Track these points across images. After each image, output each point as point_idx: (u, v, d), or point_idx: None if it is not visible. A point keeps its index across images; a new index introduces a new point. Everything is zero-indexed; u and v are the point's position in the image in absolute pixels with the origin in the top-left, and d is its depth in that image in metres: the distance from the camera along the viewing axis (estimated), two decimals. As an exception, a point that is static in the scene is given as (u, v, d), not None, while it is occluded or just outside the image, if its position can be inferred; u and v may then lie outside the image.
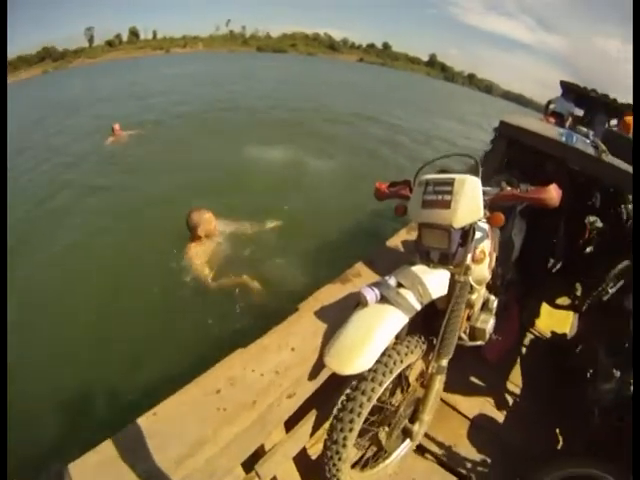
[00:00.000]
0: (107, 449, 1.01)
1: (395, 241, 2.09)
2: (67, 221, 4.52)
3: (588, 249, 3.15)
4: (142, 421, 1.08)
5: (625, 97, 4.07)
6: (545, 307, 2.99)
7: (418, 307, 1.24)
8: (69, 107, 13.06)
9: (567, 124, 3.95)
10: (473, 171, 1.29)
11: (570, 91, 4.61)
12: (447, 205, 1.22)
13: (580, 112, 4.61)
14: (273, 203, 4.59)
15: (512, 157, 2.76)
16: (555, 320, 2.90)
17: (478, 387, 2.21)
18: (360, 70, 44.12)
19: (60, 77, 33.72)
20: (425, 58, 75.77)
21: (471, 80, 72.49)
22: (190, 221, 3.29)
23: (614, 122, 4.33)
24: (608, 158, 2.30)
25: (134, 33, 65.94)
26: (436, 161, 1.53)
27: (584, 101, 4.54)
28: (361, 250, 2.20)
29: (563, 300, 3.09)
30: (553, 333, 2.77)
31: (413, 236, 1.57)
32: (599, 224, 3.09)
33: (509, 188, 1.37)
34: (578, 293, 3.03)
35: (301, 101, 13.70)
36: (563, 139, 2.36)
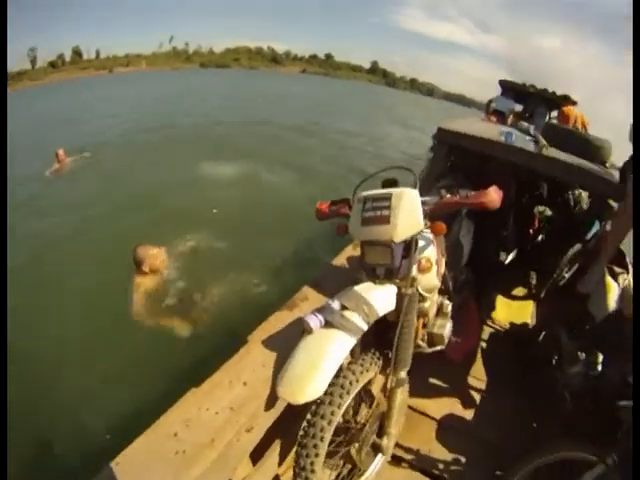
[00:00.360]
0: None
1: (341, 259, 2.11)
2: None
3: (540, 238, 3.29)
4: (106, 473, 1.05)
5: (563, 89, 4.30)
6: (504, 300, 3.08)
7: (365, 327, 1.24)
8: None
9: (509, 121, 4.11)
10: (411, 183, 1.33)
11: (509, 89, 4.81)
12: (386, 220, 1.26)
13: (521, 108, 4.83)
14: (223, 226, 4.61)
15: (456, 161, 2.84)
16: (515, 311, 3.00)
17: (445, 389, 2.25)
18: (302, 81, 44.82)
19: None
20: (367, 66, 78.18)
21: (413, 84, 75.17)
22: (136, 257, 3.32)
23: (555, 114, 4.57)
24: (548, 151, 2.42)
25: (77, 53, 63.75)
26: (373, 176, 1.57)
27: (524, 97, 4.75)
28: (311, 271, 2.22)
29: (520, 291, 3.20)
30: (512, 324, 2.87)
31: (359, 252, 1.59)
32: (548, 212, 3.24)
33: (449, 195, 1.42)
34: (534, 282, 3.15)
35: (245, 116, 13.83)
36: (502, 139, 2.46)
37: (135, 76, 46.55)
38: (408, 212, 1.27)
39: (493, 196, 1.34)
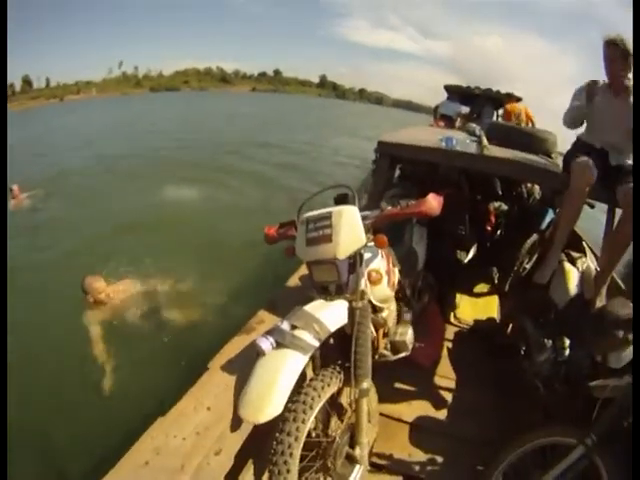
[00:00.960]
0: None
1: (295, 280, 2.17)
2: None
3: (498, 233, 3.43)
4: None
5: (506, 88, 4.55)
6: (468, 298, 3.19)
7: (316, 344, 1.29)
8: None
9: (457, 124, 4.31)
10: (350, 200, 1.41)
11: (454, 92, 5.07)
12: (328, 239, 1.34)
13: (468, 110, 5.07)
14: (179, 250, 4.68)
15: (404, 169, 2.95)
16: (481, 308, 3.10)
17: (416, 393, 2.30)
18: (252, 100, 45.50)
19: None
20: (316, 80, 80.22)
21: (362, 94, 77.35)
22: (82, 287, 3.33)
23: (501, 112, 4.82)
24: (490, 151, 2.55)
25: (27, 82, 62.92)
26: (312, 197, 1.65)
27: (470, 99, 5.01)
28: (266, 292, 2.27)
29: (483, 287, 3.32)
30: (477, 321, 2.96)
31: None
32: (504, 207, 3.39)
33: (389, 207, 1.51)
34: (497, 277, 3.26)
35: (196, 139, 13.96)
36: (443, 144, 2.56)
37: (86, 104, 45.99)
38: (349, 229, 1.34)
39: (432, 203, 1.42)
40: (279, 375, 1.20)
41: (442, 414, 2.21)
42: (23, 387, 2.70)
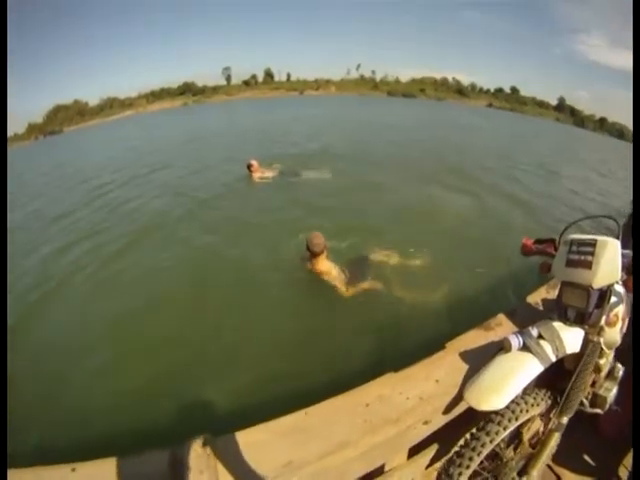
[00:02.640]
0: (256, 433, 1.30)
1: (535, 297, 2.20)
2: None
3: None
4: (293, 417, 1.38)
5: None
6: None
7: (554, 358, 1.39)
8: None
9: None
10: (614, 234, 1.46)
11: None
12: (589, 265, 1.42)
13: None
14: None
15: None
16: None
17: (589, 465, 2.11)
18: (489, 115, 44.86)
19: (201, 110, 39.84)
20: (553, 102, 72.53)
21: (602, 125, 66.56)
22: (310, 244, 3.81)
23: None
24: None
25: (269, 74, 74.82)
26: (580, 221, 1.77)
27: None
28: (502, 301, 2.33)
29: None
30: None
31: (552, 295, 1.73)
32: None
33: None
34: None
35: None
36: None
37: (328, 99, 52.15)
38: (609, 261, 1.39)
39: None
40: (517, 373, 1.34)
41: None
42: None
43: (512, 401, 1.37)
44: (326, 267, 3.84)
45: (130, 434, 2.37)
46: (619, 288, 1.59)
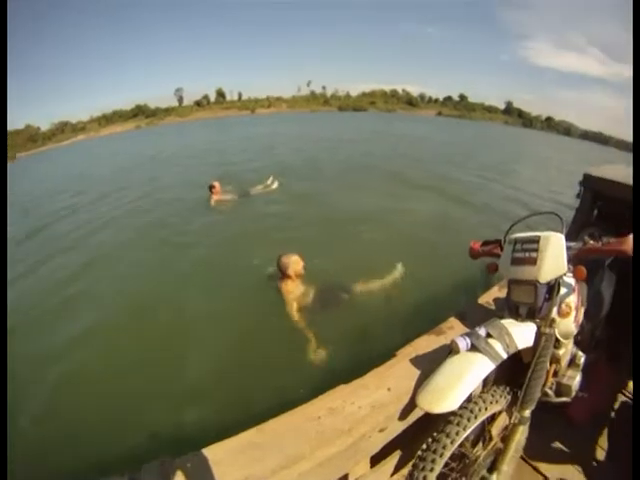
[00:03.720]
0: (213, 452, 1.30)
1: (487, 298, 2.29)
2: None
3: None
4: (247, 434, 1.38)
5: None
6: None
7: (504, 355, 1.45)
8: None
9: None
10: (558, 228, 1.56)
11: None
12: (533, 262, 1.50)
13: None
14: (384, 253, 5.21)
15: (602, 208, 2.83)
16: None
17: (561, 450, 2.20)
18: (441, 124, 47.02)
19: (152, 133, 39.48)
20: (501, 106, 77.84)
21: (549, 123, 71.38)
22: (280, 264, 3.96)
23: None
24: None
25: (221, 94, 75.74)
26: (523, 220, 1.84)
27: None
28: (454, 305, 2.45)
29: None
30: None
31: (504, 293, 1.82)
32: None
33: (592, 242, 1.63)
34: None
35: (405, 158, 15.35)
36: None
37: (279, 116, 52.83)
38: (554, 255, 1.47)
39: (631, 244, 1.47)
40: (467, 374, 1.38)
41: None
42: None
43: (470, 400, 1.42)
44: (291, 289, 3.92)
45: (85, 463, 2.34)
46: (568, 279, 1.66)
